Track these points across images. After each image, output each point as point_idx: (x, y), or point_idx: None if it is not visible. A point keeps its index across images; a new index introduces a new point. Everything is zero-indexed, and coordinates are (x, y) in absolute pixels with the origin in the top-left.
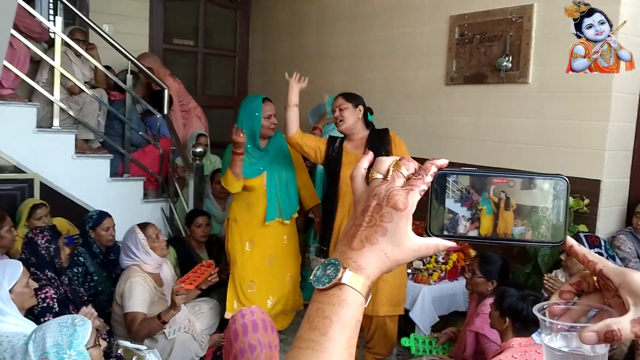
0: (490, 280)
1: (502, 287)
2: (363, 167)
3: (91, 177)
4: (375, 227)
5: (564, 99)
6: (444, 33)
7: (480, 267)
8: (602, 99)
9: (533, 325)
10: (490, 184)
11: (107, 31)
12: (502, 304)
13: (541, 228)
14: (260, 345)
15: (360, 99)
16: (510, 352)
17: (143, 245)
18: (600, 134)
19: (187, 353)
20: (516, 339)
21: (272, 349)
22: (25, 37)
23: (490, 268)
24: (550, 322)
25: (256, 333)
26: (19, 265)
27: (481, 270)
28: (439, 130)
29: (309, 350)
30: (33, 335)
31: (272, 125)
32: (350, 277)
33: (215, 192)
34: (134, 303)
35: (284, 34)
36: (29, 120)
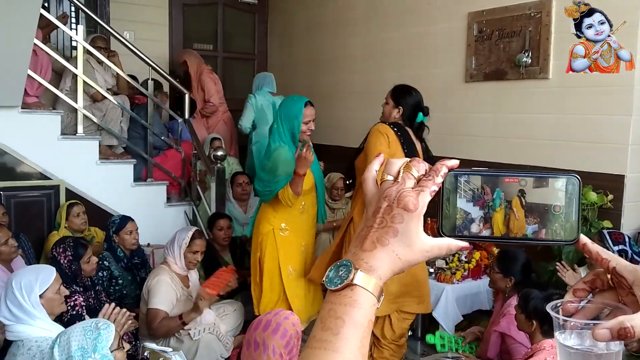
0: (507, 276)
1: (526, 290)
2: (374, 169)
3: (115, 182)
4: (387, 228)
5: (585, 94)
6: (462, 30)
7: (498, 262)
8: (624, 93)
9: None
10: (502, 183)
11: (127, 38)
12: (528, 307)
13: (554, 226)
14: (264, 345)
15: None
16: (543, 355)
17: (180, 248)
18: (623, 128)
19: (212, 354)
20: (547, 341)
21: (275, 355)
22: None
23: (508, 264)
24: (564, 320)
25: (264, 332)
26: (52, 271)
27: (498, 265)
28: (458, 128)
29: (322, 350)
30: (58, 339)
31: (309, 132)
32: (362, 278)
33: (236, 195)
34: (158, 301)
35: (301, 36)
36: (53, 128)
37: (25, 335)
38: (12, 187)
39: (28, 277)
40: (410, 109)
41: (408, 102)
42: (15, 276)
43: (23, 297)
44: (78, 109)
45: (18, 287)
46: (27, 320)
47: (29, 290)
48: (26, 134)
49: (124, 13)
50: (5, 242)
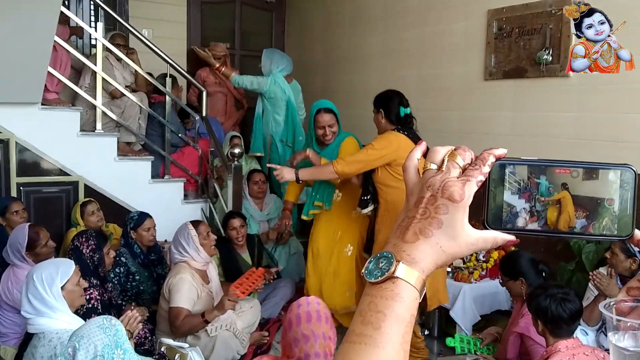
0: (517, 279)
1: (530, 290)
2: (416, 157)
3: (133, 178)
4: (430, 219)
5: (606, 92)
6: (482, 28)
7: (502, 269)
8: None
9: (564, 323)
10: (552, 174)
11: (146, 36)
12: (531, 307)
13: (605, 221)
14: (314, 335)
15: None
16: (558, 357)
17: (194, 242)
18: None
19: (228, 351)
20: (562, 342)
21: (326, 339)
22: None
23: (512, 268)
24: (617, 320)
25: (309, 323)
26: (72, 264)
27: (503, 272)
28: (477, 126)
29: (362, 345)
30: (76, 344)
31: (328, 136)
32: (405, 271)
33: (252, 193)
34: (180, 298)
35: (318, 34)
36: (72, 124)
37: (46, 328)
38: (31, 183)
39: (49, 269)
40: (390, 108)
41: (386, 103)
42: (35, 270)
43: (45, 290)
44: (97, 106)
45: (39, 280)
46: (49, 313)
47: (50, 283)
48: (46, 130)
49: (143, 11)
50: (45, 244)
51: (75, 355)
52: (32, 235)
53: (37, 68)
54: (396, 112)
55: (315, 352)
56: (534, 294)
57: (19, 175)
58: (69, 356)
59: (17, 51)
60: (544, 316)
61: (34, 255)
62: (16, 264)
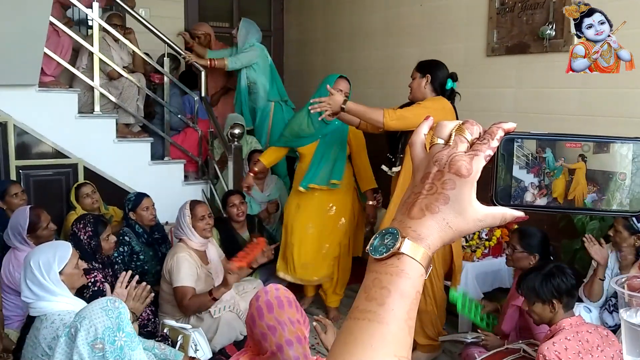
0: (532, 254)
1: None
2: (423, 132)
3: (133, 160)
4: (437, 194)
5: None
6: (484, 3)
7: (521, 241)
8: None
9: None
10: (562, 148)
11: (143, 15)
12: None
13: (616, 196)
14: (281, 324)
15: (431, 66)
16: (563, 335)
17: (187, 223)
18: None
19: (232, 332)
20: (566, 320)
21: (294, 324)
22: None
23: (530, 241)
24: (629, 296)
25: (272, 313)
26: (69, 246)
27: (522, 244)
28: (480, 103)
29: (366, 321)
30: (78, 324)
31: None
32: (410, 247)
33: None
34: (182, 277)
35: (318, 12)
36: (71, 106)
37: (48, 310)
38: (30, 166)
39: (46, 254)
40: (438, 75)
41: (435, 70)
42: (32, 255)
43: (43, 276)
44: (95, 87)
45: (37, 266)
46: (49, 297)
47: (48, 269)
48: (44, 113)
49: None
50: (46, 227)
51: (76, 335)
52: (33, 218)
53: (33, 49)
54: (442, 82)
55: (287, 340)
56: (525, 279)
57: (18, 158)
58: (71, 336)
59: (12, 32)
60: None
61: (35, 238)
62: (17, 247)
